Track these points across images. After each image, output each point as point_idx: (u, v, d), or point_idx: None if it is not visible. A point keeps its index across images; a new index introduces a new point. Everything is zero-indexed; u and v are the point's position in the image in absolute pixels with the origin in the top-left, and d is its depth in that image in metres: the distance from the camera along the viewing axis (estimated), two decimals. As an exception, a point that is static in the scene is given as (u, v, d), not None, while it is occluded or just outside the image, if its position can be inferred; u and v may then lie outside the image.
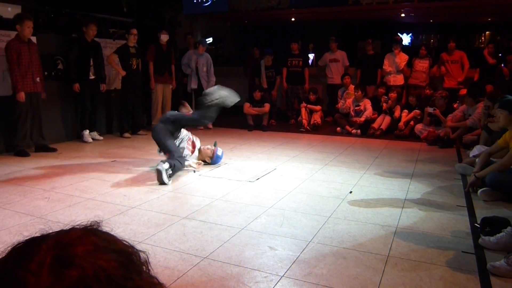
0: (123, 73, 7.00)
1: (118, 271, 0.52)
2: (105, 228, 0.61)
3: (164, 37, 7.64)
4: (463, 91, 7.37)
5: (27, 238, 0.56)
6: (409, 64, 8.34)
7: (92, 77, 6.62)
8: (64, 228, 0.58)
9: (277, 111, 8.98)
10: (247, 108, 8.09)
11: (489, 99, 5.34)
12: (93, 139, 6.77)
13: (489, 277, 2.47)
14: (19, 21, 5.36)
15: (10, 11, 5.70)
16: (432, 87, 7.85)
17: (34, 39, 6.01)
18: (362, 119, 7.59)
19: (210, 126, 7.74)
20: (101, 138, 6.90)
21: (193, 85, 8.14)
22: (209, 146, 5.30)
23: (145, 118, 8.13)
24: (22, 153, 5.56)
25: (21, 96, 5.39)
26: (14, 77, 5.37)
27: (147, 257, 0.59)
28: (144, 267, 0.58)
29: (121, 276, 0.52)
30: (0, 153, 5.69)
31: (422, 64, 8.21)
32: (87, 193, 4.04)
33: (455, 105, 7.24)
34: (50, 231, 0.57)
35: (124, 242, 0.58)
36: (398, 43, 8.54)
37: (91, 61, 6.58)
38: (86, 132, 6.69)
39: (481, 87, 6.99)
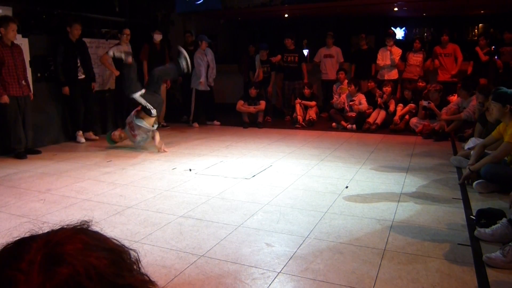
0: (117, 73, 6.97)
1: (109, 269, 0.52)
2: (96, 228, 0.61)
3: (157, 37, 7.63)
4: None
5: (17, 238, 0.56)
6: (403, 58, 8.35)
7: (81, 76, 6.57)
8: (54, 228, 0.58)
9: (272, 107, 8.97)
10: (240, 106, 8.07)
11: (480, 93, 5.35)
12: (88, 139, 6.75)
13: (485, 268, 2.49)
14: (4, 24, 5.24)
15: (1, 12, 5.66)
16: (425, 80, 7.87)
17: (26, 40, 5.97)
18: (354, 114, 7.62)
19: (196, 125, 8.05)
20: (97, 138, 6.87)
21: (194, 84, 8.14)
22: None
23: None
24: (20, 156, 5.53)
25: (5, 99, 5.30)
26: None
27: (138, 255, 0.60)
28: (135, 265, 0.58)
29: (112, 273, 0.52)
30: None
31: (416, 58, 8.21)
32: (83, 194, 4.03)
33: (449, 98, 7.26)
34: (40, 232, 0.57)
35: (114, 241, 0.58)
36: (391, 36, 8.54)
37: (78, 61, 6.52)
38: (79, 133, 6.67)
39: (475, 80, 7.01)
